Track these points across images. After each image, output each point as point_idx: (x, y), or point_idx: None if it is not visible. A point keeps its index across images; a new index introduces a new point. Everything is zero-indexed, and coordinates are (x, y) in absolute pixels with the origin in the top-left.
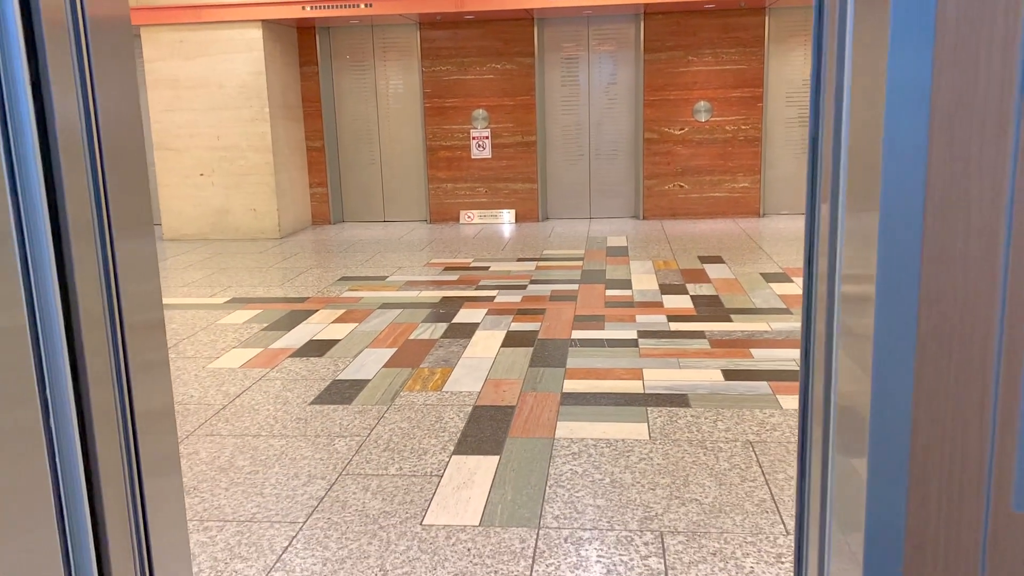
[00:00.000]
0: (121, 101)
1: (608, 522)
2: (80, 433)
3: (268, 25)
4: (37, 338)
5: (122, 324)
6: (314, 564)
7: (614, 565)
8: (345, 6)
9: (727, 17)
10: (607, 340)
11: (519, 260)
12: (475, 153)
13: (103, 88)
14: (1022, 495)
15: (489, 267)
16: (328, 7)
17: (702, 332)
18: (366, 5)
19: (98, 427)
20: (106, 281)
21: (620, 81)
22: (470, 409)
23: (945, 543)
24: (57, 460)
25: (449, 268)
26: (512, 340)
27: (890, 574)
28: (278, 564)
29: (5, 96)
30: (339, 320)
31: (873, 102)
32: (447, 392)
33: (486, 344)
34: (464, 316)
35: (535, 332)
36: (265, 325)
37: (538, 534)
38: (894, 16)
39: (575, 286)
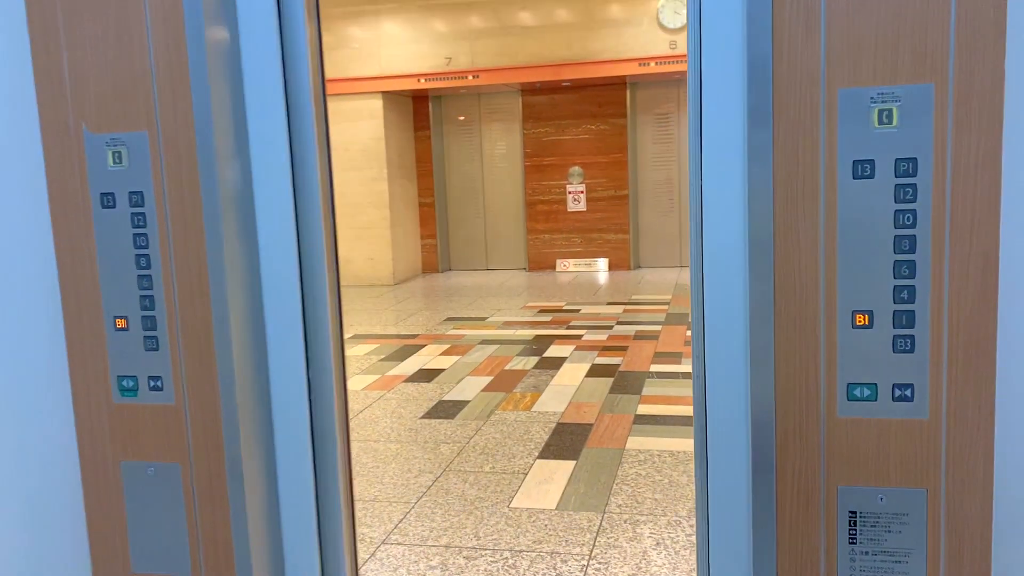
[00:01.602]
0: (323, 161)
1: (662, 510)
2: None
3: (388, 96)
4: (307, 352)
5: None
6: (423, 531)
7: (662, 539)
8: (456, 77)
9: None
10: (682, 373)
11: (608, 304)
12: (571, 206)
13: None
14: (844, 408)
15: (580, 310)
16: (441, 79)
17: None
18: (474, 76)
19: (321, 423)
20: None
21: None
22: (554, 425)
23: (801, 440)
24: (314, 439)
25: (543, 310)
26: (595, 371)
27: (767, 462)
28: (395, 530)
29: (293, 169)
30: (445, 353)
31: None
32: (535, 412)
33: (572, 374)
34: (554, 351)
35: (617, 365)
36: (382, 356)
37: (603, 516)
38: (749, 109)
39: (658, 327)
